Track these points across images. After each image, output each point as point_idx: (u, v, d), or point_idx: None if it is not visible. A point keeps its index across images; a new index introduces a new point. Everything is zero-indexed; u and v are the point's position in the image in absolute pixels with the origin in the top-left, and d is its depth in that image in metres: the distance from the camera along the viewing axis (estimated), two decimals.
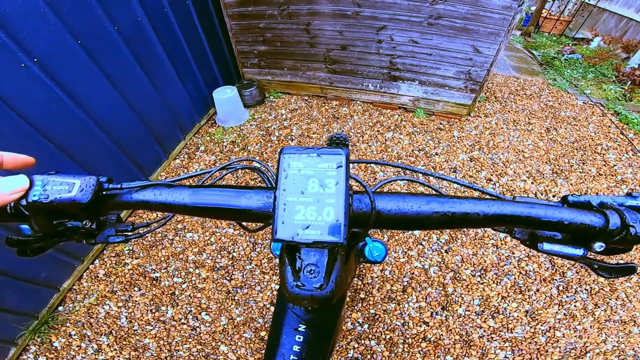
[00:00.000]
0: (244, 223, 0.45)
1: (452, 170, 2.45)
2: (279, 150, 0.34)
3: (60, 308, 1.84)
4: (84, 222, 0.41)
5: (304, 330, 0.45)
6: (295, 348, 0.45)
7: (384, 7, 2.42)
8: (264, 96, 3.30)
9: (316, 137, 2.80)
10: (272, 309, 1.81)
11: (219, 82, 3.05)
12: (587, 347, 1.56)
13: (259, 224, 0.40)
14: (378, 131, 2.84)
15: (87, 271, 1.99)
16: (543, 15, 5.47)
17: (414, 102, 2.95)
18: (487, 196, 0.38)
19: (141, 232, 0.48)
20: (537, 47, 4.79)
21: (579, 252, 0.33)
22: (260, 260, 1.98)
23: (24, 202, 0.36)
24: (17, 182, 0.35)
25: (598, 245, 0.31)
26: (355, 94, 3.09)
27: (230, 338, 1.69)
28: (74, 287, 1.93)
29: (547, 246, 0.34)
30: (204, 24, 2.66)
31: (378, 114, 3.07)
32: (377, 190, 0.38)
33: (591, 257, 0.35)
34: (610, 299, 1.72)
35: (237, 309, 1.80)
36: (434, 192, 0.38)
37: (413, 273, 1.86)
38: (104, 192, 0.39)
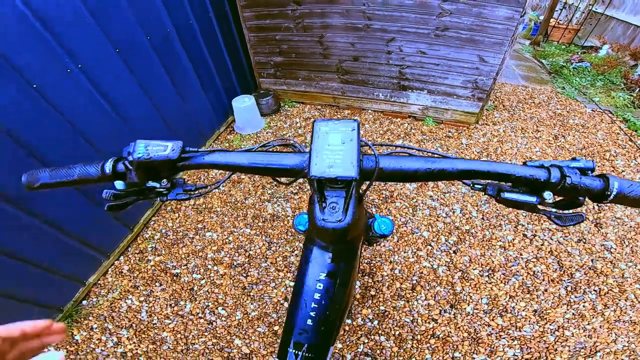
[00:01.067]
0: (282, 179, 0.59)
1: None
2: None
3: (84, 302, 1.94)
4: (162, 182, 0.53)
5: (324, 278, 0.54)
6: (316, 296, 0.54)
7: (393, 20, 2.55)
8: (279, 105, 3.45)
9: None
10: (286, 304, 1.90)
11: (237, 91, 3.22)
12: (596, 346, 1.58)
13: (290, 179, 0.55)
14: (389, 139, 2.93)
15: (113, 267, 2.12)
16: (551, 24, 5.51)
17: (423, 111, 3.04)
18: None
19: (201, 192, 0.59)
20: (546, 56, 4.83)
21: (533, 199, 0.43)
22: (276, 259, 2.07)
23: (131, 158, 0.48)
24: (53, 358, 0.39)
25: (547, 194, 0.41)
26: (366, 103, 3.20)
27: (244, 332, 1.77)
28: (99, 281, 2.04)
29: (507, 194, 0.45)
30: (224, 35, 2.84)
31: (388, 122, 3.17)
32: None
33: (550, 210, 0.45)
34: (619, 300, 1.74)
35: (252, 304, 1.89)
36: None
37: (422, 272, 1.92)
38: (186, 154, 0.52)
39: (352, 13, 2.61)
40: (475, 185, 0.49)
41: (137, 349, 1.73)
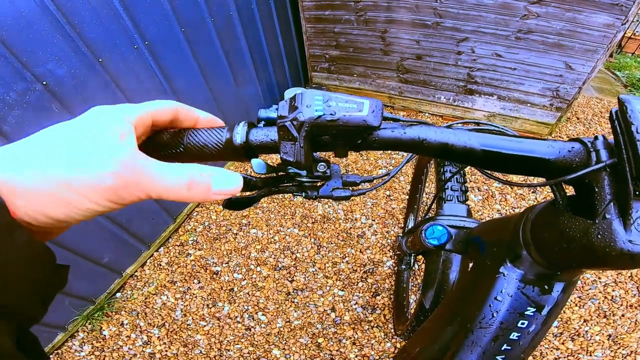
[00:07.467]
0: (531, 180, 0.39)
1: (532, 191, 2.27)
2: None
3: (117, 294, 1.86)
4: (319, 166, 0.37)
5: (532, 313, 0.38)
6: (513, 335, 0.39)
7: (468, 19, 2.32)
8: None
9: None
10: (333, 315, 1.75)
11: (289, 84, 3.12)
12: None
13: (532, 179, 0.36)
14: None
15: (152, 258, 2.03)
16: (627, 35, 5.04)
17: (488, 117, 2.79)
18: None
19: (365, 188, 0.42)
20: (621, 68, 4.40)
21: None
22: (325, 264, 1.93)
23: (302, 118, 0.30)
24: (231, 182, 0.28)
25: None
26: (425, 105, 2.99)
27: (284, 342, 1.65)
28: (136, 273, 1.95)
29: None
30: (281, 25, 2.73)
31: None
32: None
33: None
34: None
35: (295, 312, 1.76)
36: None
37: None
38: (384, 121, 0.34)
39: (422, 9, 2.41)
40: None
41: (167, 351, 1.63)
